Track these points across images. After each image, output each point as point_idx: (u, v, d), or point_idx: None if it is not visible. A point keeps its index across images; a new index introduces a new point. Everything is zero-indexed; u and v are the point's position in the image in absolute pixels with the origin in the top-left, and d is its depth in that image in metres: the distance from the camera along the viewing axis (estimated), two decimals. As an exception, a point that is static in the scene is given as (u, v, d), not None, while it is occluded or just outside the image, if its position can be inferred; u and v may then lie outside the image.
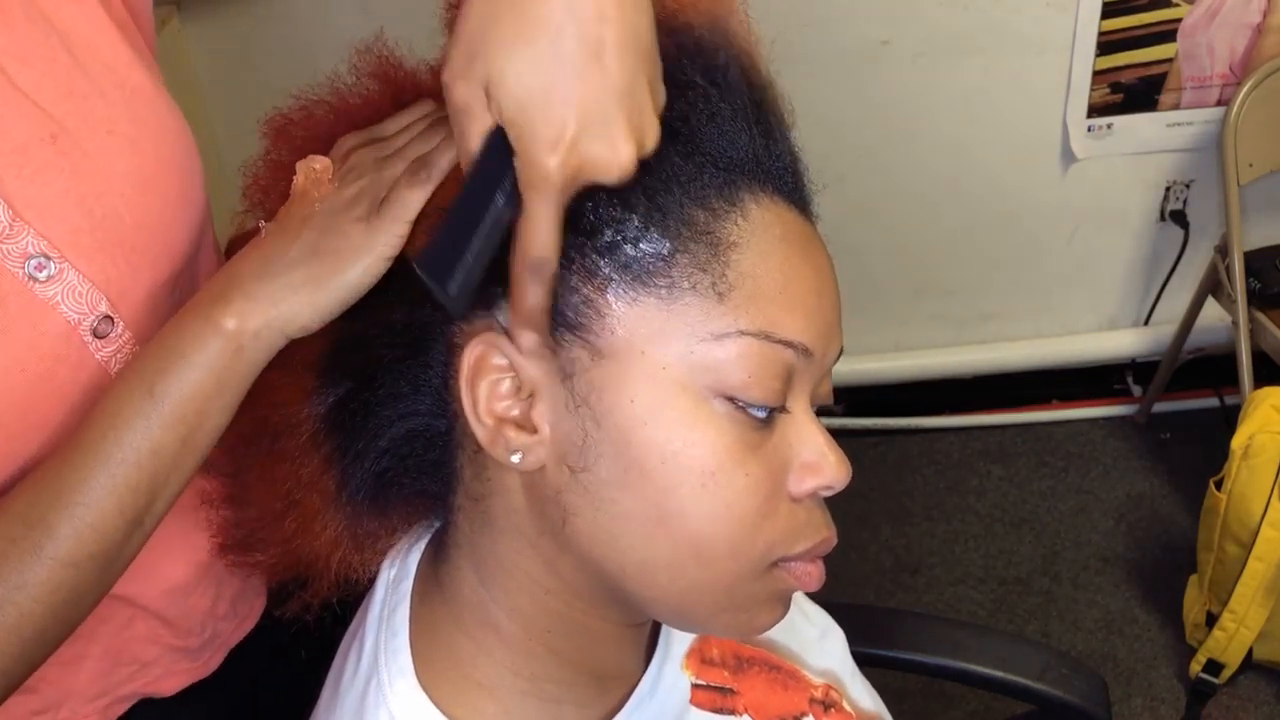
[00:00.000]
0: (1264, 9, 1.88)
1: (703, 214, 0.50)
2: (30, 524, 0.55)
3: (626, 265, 0.50)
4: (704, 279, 0.50)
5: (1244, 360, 1.86)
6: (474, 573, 0.57)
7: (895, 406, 2.25)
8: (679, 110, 0.51)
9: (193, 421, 0.56)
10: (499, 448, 0.51)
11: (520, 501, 0.54)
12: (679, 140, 0.51)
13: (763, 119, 0.54)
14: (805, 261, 0.53)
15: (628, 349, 0.50)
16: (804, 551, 0.53)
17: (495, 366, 0.51)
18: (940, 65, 1.92)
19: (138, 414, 0.55)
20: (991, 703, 1.68)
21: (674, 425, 0.50)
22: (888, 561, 2.01)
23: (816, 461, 0.53)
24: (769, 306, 0.50)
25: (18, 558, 0.55)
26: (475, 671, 0.57)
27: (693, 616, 0.55)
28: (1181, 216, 2.09)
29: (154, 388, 0.55)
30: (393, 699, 0.55)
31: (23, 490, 0.56)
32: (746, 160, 0.52)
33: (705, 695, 0.64)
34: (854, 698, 0.75)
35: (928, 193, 2.06)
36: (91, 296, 0.61)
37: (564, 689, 0.58)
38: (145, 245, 0.64)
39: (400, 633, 0.58)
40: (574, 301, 0.50)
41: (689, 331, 0.50)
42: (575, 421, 0.51)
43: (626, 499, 0.50)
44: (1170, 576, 1.89)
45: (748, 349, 0.50)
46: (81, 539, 0.55)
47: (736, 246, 0.50)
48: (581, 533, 0.52)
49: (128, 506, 0.56)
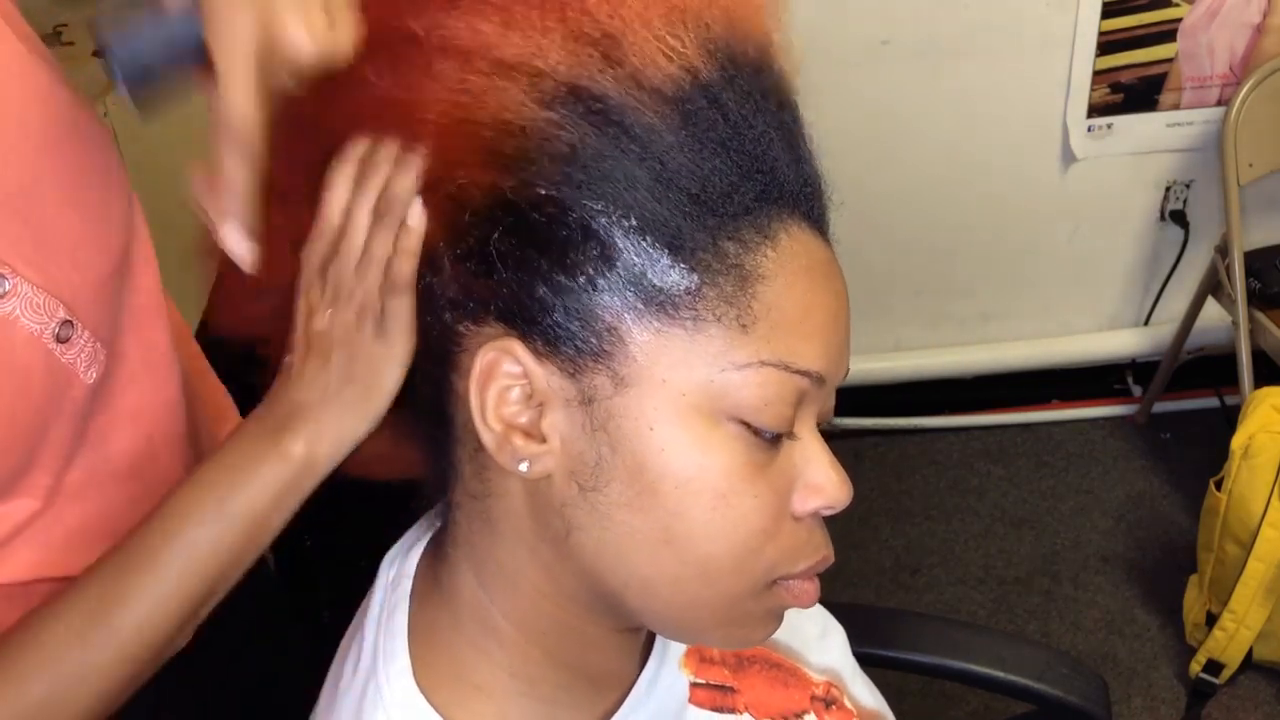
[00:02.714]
0: (1264, 9, 1.88)
1: (734, 246, 0.50)
2: (95, 621, 0.58)
3: (653, 297, 0.49)
4: (729, 311, 0.49)
5: (1244, 360, 1.87)
6: (473, 574, 0.57)
7: (895, 406, 2.25)
8: (719, 135, 0.50)
9: (257, 530, 0.60)
10: (506, 454, 0.51)
11: (521, 506, 0.54)
12: (713, 166, 0.50)
13: (796, 143, 0.53)
14: (825, 289, 0.53)
15: (649, 378, 0.49)
16: (803, 570, 0.54)
17: (507, 373, 0.51)
18: (940, 65, 1.92)
19: (204, 524, 0.59)
20: (991, 703, 1.68)
21: (689, 450, 0.50)
22: (888, 561, 2.01)
23: (820, 482, 0.53)
24: (789, 336, 0.50)
25: (82, 652, 0.58)
26: (473, 673, 0.56)
27: (690, 630, 0.55)
28: (1181, 216, 2.09)
29: (224, 501, 0.59)
30: (390, 701, 0.55)
31: (88, 584, 0.60)
32: (781, 188, 0.52)
33: (704, 694, 0.64)
34: (855, 695, 0.75)
35: (928, 193, 2.06)
36: (49, 305, 0.62)
37: (561, 691, 0.58)
38: (83, 245, 0.65)
39: (399, 634, 0.57)
40: (597, 329, 0.50)
41: (711, 361, 0.49)
42: (591, 444, 0.50)
43: (635, 519, 0.50)
44: (1170, 576, 1.89)
45: (767, 378, 0.50)
46: (143, 636, 0.59)
47: (764, 279, 0.50)
48: (585, 547, 0.52)
49: (187, 607, 0.60)
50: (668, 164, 0.49)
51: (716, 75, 0.50)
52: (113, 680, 0.59)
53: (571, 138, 0.48)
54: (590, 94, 0.48)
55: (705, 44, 0.50)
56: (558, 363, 0.50)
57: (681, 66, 0.49)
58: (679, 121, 0.49)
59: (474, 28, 0.49)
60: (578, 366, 0.50)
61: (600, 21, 0.49)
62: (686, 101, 0.49)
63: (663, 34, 0.49)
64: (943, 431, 2.27)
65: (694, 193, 0.49)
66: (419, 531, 0.63)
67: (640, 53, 0.49)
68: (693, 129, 0.49)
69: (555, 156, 0.48)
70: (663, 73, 0.49)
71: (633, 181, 0.48)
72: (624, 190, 0.48)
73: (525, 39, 0.49)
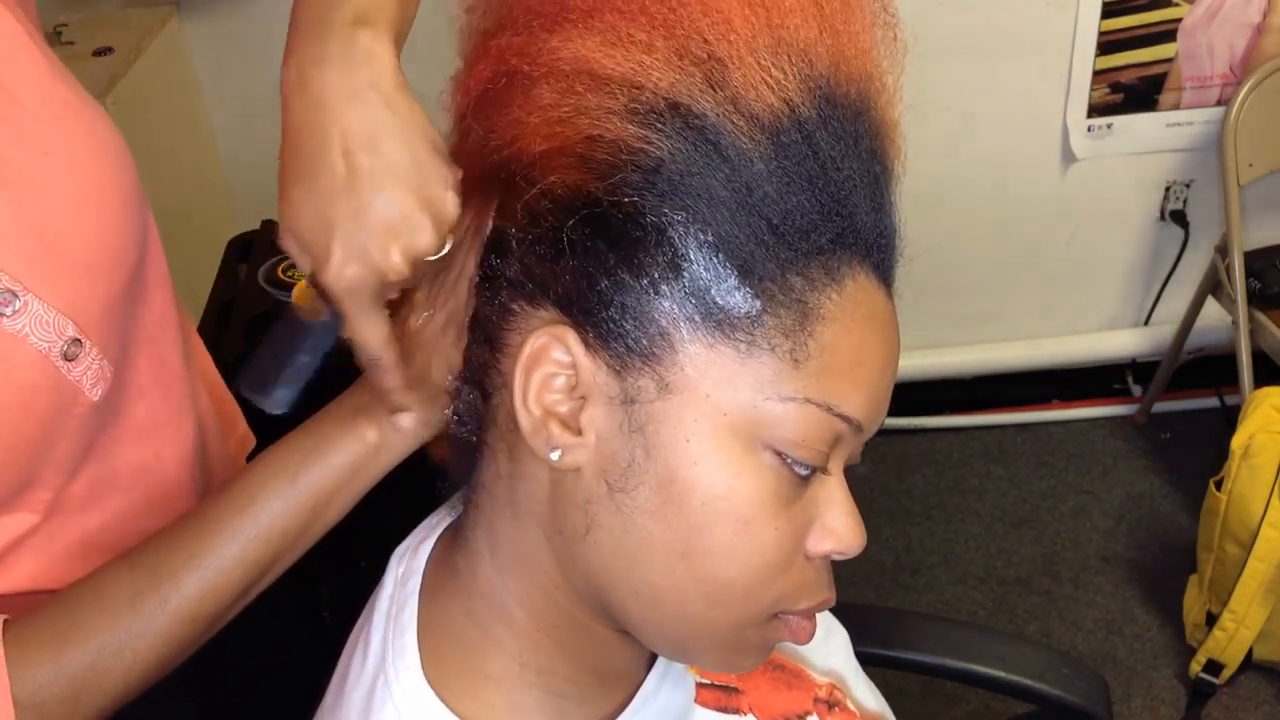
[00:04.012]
0: (1264, 9, 1.88)
1: (800, 281, 0.50)
2: (160, 579, 0.60)
3: (712, 312, 0.50)
4: (784, 344, 0.50)
5: (1244, 360, 1.87)
6: (491, 557, 0.57)
7: (895, 406, 2.23)
8: (808, 171, 0.50)
9: (322, 509, 0.62)
10: (540, 440, 0.51)
11: (544, 493, 0.54)
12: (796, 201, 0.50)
13: (880, 193, 0.54)
14: (881, 342, 0.53)
15: (694, 389, 0.50)
16: (805, 609, 0.55)
17: (555, 360, 0.51)
18: (940, 65, 1.92)
19: (276, 496, 0.61)
20: (991, 703, 1.68)
21: (722, 470, 0.50)
22: (888, 561, 2.01)
23: (837, 527, 0.54)
24: (839, 381, 0.51)
25: (144, 609, 0.60)
26: (483, 663, 0.57)
27: (686, 648, 0.56)
28: (1181, 216, 2.09)
29: (297, 477, 0.61)
30: (399, 695, 0.55)
31: (153, 546, 0.62)
32: (857, 235, 0.52)
33: (710, 694, 0.64)
34: (858, 697, 0.76)
35: (928, 193, 2.06)
36: (58, 323, 0.62)
37: (570, 684, 0.58)
38: (98, 262, 0.65)
39: (408, 629, 0.58)
40: (651, 332, 0.50)
41: (757, 387, 0.50)
42: (625, 444, 0.51)
43: (657, 527, 0.51)
44: (1170, 576, 1.89)
45: (809, 416, 0.50)
46: (204, 599, 0.61)
47: (824, 320, 0.50)
48: (602, 546, 0.52)
49: (248, 577, 0.62)
50: (754, 190, 0.49)
51: (814, 113, 0.50)
52: (157, 650, 0.60)
53: (662, 150, 0.49)
54: (689, 110, 0.49)
55: (807, 80, 0.50)
56: (606, 358, 0.51)
57: (782, 99, 0.49)
58: (771, 152, 0.49)
59: (575, 48, 0.50)
60: (626, 365, 0.50)
61: (709, 43, 0.49)
62: (782, 133, 0.49)
63: (768, 64, 0.49)
64: (943, 431, 2.27)
65: (774, 223, 0.49)
66: (429, 529, 0.64)
67: (743, 79, 0.49)
68: (783, 161, 0.49)
69: (643, 167, 0.49)
70: (762, 101, 0.49)
71: (716, 200, 0.49)
72: (706, 206, 0.49)
73: (628, 55, 0.49)
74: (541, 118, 0.51)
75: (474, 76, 0.55)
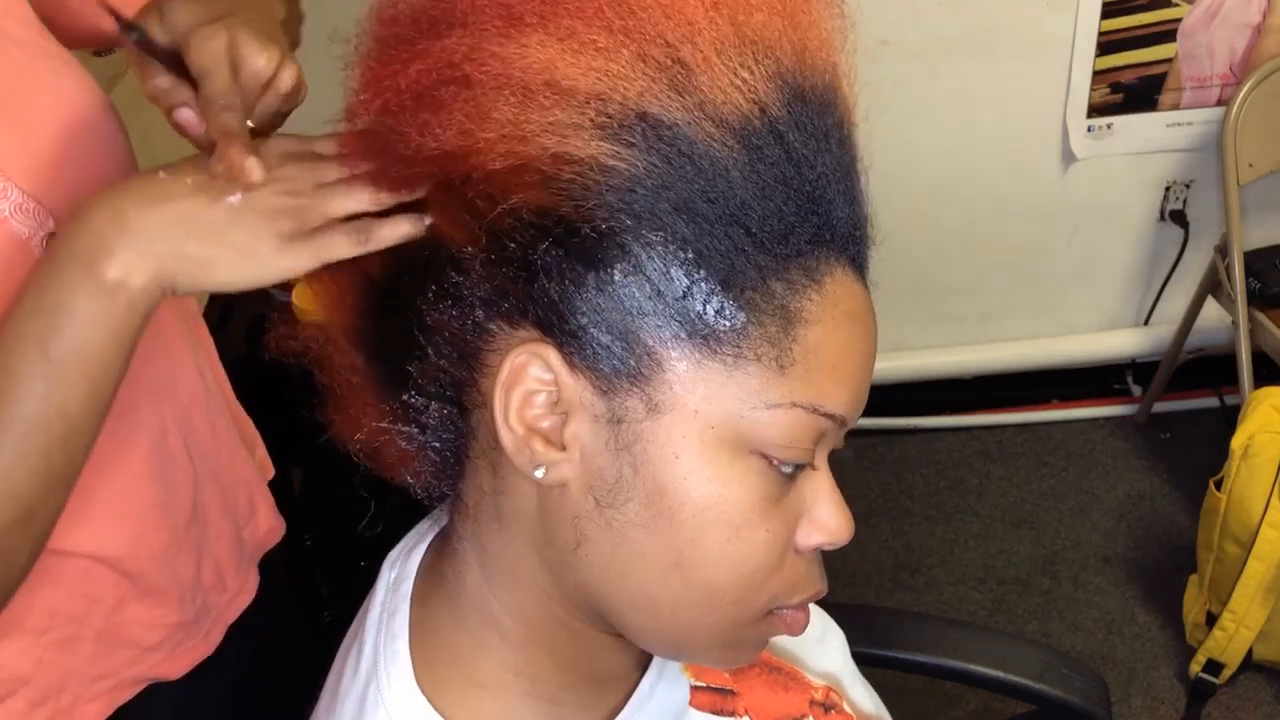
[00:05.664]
0: (1264, 9, 1.88)
1: (781, 287, 0.49)
2: None
3: (697, 329, 0.49)
4: (770, 352, 0.49)
5: (1244, 360, 1.87)
6: (479, 568, 0.57)
7: (895, 406, 2.25)
8: (782, 173, 0.48)
9: (97, 378, 0.55)
10: (523, 457, 0.51)
11: (533, 509, 0.54)
12: (773, 206, 0.49)
13: (852, 184, 0.53)
14: (862, 335, 0.53)
15: (682, 407, 0.49)
16: (798, 602, 0.55)
17: (535, 378, 0.50)
18: (940, 65, 1.92)
19: (36, 377, 0.54)
20: (991, 703, 1.68)
21: (711, 481, 0.50)
22: (888, 561, 2.01)
23: (826, 520, 0.54)
24: (823, 380, 0.51)
25: None
26: (476, 671, 0.57)
27: (684, 649, 0.56)
28: (1181, 216, 2.09)
29: (48, 349, 0.54)
30: (391, 702, 0.55)
31: None
32: (833, 231, 0.51)
33: (705, 697, 0.64)
34: (854, 699, 0.76)
35: (928, 193, 2.06)
36: (39, 214, 0.64)
37: (564, 691, 0.58)
38: (81, 178, 0.67)
39: (400, 635, 0.57)
40: (638, 353, 0.49)
41: (744, 398, 0.49)
42: (612, 461, 0.50)
43: (649, 540, 0.51)
44: (1170, 576, 1.89)
45: (795, 419, 0.50)
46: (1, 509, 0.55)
47: (806, 323, 0.50)
48: (593, 560, 0.52)
49: (42, 469, 0.55)
50: (730, 200, 0.48)
51: (784, 112, 0.49)
52: None
53: (635, 168, 0.47)
54: (659, 121, 0.47)
55: (775, 77, 0.49)
56: (592, 378, 0.50)
57: (751, 100, 0.48)
58: (745, 157, 0.48)
59: (535, 56, 0.48)
60: (612, 385, 0.50)
61: (672, 46, 0.47)
62: (754, 136, 0.48)
63: (734, 64, 0.47)
64: (943, 431, 2.27)
65: (752, 230, 0.48)
66: (420, 534, 0.63)
67: (710, 83, 0.47)
68: (757, 165, 0.48)
69: (615, 188, 0.47)
70: (732, 105, 0.47)
71: (694, 214, 0.47)
72: (684, 223, 0.47)
73: (592, 63, 0.47)
74: (497, 133, 0.48)
75: (405, 76, 0.51)
